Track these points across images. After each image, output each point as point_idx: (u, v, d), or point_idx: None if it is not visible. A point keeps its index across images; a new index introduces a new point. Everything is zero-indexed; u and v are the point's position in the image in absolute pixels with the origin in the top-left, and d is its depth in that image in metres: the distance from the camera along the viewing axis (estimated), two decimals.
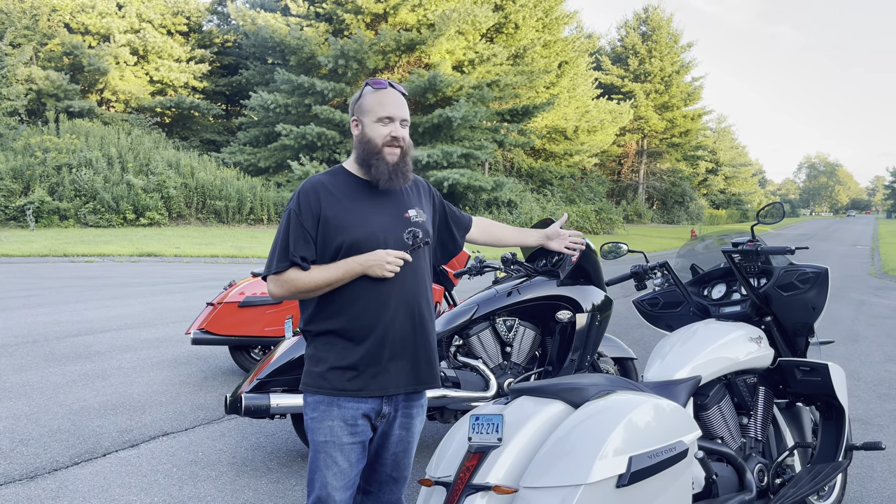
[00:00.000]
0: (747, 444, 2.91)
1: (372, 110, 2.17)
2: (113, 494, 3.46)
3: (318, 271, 2.12)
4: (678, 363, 2.74)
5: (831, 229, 55.31)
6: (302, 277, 2.11)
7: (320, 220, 2.12)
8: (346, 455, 2.15)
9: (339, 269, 2.11)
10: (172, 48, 31.06)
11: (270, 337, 5.35)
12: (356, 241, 2.12)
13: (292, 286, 2.12)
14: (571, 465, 1.96)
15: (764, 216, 3.23)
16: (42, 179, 21.61)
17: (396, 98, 2.19)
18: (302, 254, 2.11)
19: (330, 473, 2.14)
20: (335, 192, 2.17)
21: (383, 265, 2.10)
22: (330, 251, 2.13)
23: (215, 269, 14.17)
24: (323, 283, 2.11)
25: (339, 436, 2.14)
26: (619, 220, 38.18)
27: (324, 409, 2.15)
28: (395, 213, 2.21)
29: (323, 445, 2.15)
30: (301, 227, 2.12)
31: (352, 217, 2.14)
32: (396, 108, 2.17)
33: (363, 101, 2.20)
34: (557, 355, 4.19)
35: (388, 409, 2.21)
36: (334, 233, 2.12)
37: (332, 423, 2.14)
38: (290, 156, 26.13)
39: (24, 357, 6.15)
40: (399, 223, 2.20)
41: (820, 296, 2.99)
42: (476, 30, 28.39)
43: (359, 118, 2.21)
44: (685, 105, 52.54)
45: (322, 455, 2.15)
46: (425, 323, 2.24)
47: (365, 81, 2.22)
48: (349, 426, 2.14)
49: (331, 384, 2.14)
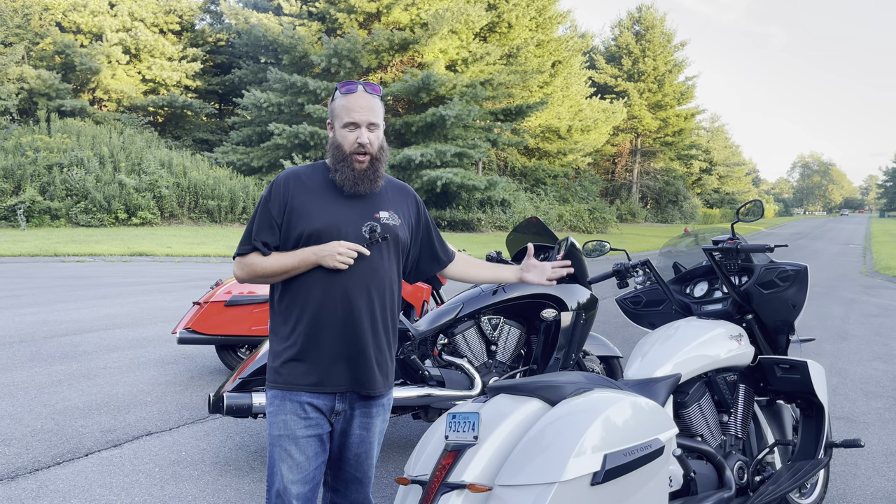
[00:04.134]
0: (727, 442, 2.91)
1: (339, 115, 2.17)
2: (94, 494, 3.44)
3: (276, 257, 2.16)
4: (658, 361, 2.74)
5: (825, 228, 55.52)
6: (261, 262, 2.16)
7: (286, 208, 2.16)
8: (302, 448, 2.16)
9: (295, 257, 2.14)
10: (165, 47, 30.92)
11: (257, 336, 5.33)
12: (316, 230, 2.14)
13: (251, 270, 2.18)
14: (545, 463, 1.96)
15: (745, 214, 3.24)
16: (33, 179, 21.49)
17: (365, 101, 2.16)
18: (264, 239, 2.17)
19: (286, 467, 2.16)
20: (308, 183, 2.20)
21: (335, 255, 2.10)
22: (292, 239, 2.16)
23: (207, 269, 14.12)
24: (279, 270, 2.15)
25: (293, 429, 2.15)
26: (613, 219, 38.23)
27: (278, 404, 2.17)
28: (364, 211, 2.20)
29: (278, 439, 2.17)
30: (268, 213, 2.17)
31: (316, 208, 2.16)
32: (362, 113, 2.14)
33: (334, 105, 2.21)
34: (542, 354, 4.19)
35: (341, 406, 2.21)
36: (297, 221, 2.15)
37: (286, 417, 2.16)
38: (282, 155, 26.07)
39: (10, 357, 6.12)
40: (364, 221, 2.19)
41: (800, 293, 2.99)
42: (469, 29, 28.35)
43: (332, 122, 2.22)
44: (678, 104, 52.62)
45: (278, 449, 2.17)
46: (378, 325, 2.20)
47: (336, 85, 2.22)
48: (302, 419, 2.15)
49: (283, 378, 2.16)
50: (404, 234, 2.29)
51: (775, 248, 3.07)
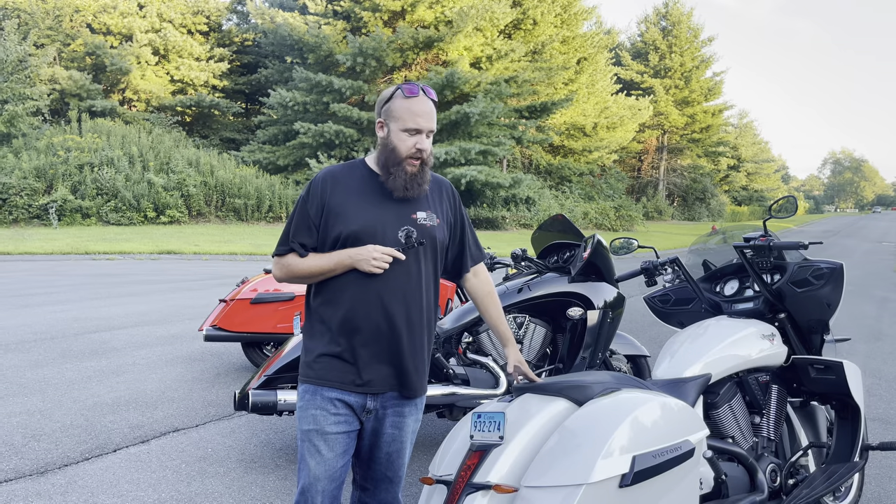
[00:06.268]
0: (759, 444, 2.84)
1: (401, 118, 2.13)
2: (121, 490, 3.48)
3: (312, 259, 2.16)
4: (688, 361, 2.68)
5: (857, 226, 54.43)
6: (298, 263, 2.17)
7: (325, 208, 2.15)
8: (330, 445, 2.14)
9: (332, 259, 2.13)
10: (192, 47, 31.28)
11: (282, 333, 5.35)
12: (354, 232, 2.12)
13: (288, 270, 2.19)
14: (573, 465, 1.92)
15: (777, 210, 3.16)
16: (64, 178, 21.87)
17: (427, 107, 2.15)
18: (301, 240, 2.17)
19: (314, 462, 2.15)
20: (346, 183, 2.18)
21: (369, 260, 2.09)
22: (330, 240, 2.15)
23: (234, 267, 14.25)
24: (316, 271, 2.15)
25: (322, 424, 2.14)
26: (639, 217, 37.85)
27: (308, 398, 2.16)
28: (402, 212, 2.18)
29: (307, 434, 2.16)
30: (306, 214, 2.17)
31: (354, 209, 2.14)
32: (426, 120, 2.14)
33: (393, 106, 2.15)
34: (568, 353, 4.14)
35: (373, 404, 2.19)
36: (335, 222, 2.14)
37: (315, 412, 2.15)
38: (308, 154, 26.21)
39: (42, 353, 6.22)
40: (401, 223, 2.17)
41: (835, 292, 2.91)
42: (494, 26, 28.26)
43: (385, 122, 2.17)
44: (706, 100, 51.93)
45: (307, 444, 2.16)
46: (414, 328, 2.18)
47: (398, 85, 2.18)
48: (331, 415, 2.14)
49: (315, 373, 2.15)
50: (442, 235, 2.26)
51: (809, 245, 2.99)
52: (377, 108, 2.22)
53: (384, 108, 2.17)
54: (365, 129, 26.24)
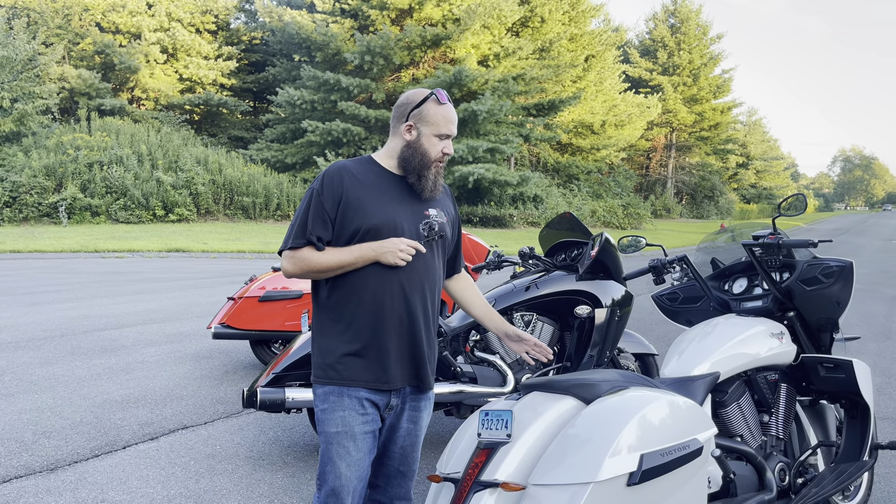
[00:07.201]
0: (768, 443, 2.83)
1: (435, 123, 2.19)
2: (131, 486, 3.50)
3: (332, 253, 2.13)
4: (696, 359, 2.67)
5: (867, 224, 54.10)
6: (316, 257, 2.12)
7: (341, 201, 2.13)
8: (359, 445, 2.15)
9: (353, 253, 2.11)
10: (201, 46, 31.37)
11: (290, 331, 5.37)
12: (374, 226, 2.12)
13: (305, 264, 2.13)
14: (581, 463, 1.92)
15: (787, 208, 3.15)
16: (74, 177, 22.00)
17: (455, 115, 2.26)
18: (319, 233, 2.13)
19: (344, 464, 2.14)
20: (360, 177, 2.18)
21: (396, 252, 2.10)
22: (347, 234, 2.13)
23: (242, 265, 14.30)
24: (335, 265, 2.12)
25: (351, 425, 2.14)
26: (647, 214, 37.69)
27: (334, 400, 2.15)
28: (416, 209, 2.22)
29: (335, 436, 2.15)
30: (321, 206, 2.13)
31: (374, 203, 2.15)
32: (454, 126, 2.25)
33: (426, 111, 2.19)
34: (576, 351, 4.13)
35: (395, 401, 2.21)
36: (353, 215, 2.12)
37: (344, 414, 2.14)
38: (316, 152, 26.26)
39: (52, 351, 6.26)
40: (417, 217, 2.21)
41: (844, 290, 2.89)
42: (501, 24, 28.22)
43: (416, 125, 2.19)
44: (714, 98, 51.71)
45: (335, 446, 2.14)
46: (430, 321, 2.24)
47: (427, 90, 2.22)
48: (360, 415, 2.14)
49: (340, 374, 2.14)
50: (451, 232, 2.34)
51: (819, 242, 2.97)
52: (402, 111, 2.22)
53: (414, 113, 2.19)
54: (372, 127, 26.27)
